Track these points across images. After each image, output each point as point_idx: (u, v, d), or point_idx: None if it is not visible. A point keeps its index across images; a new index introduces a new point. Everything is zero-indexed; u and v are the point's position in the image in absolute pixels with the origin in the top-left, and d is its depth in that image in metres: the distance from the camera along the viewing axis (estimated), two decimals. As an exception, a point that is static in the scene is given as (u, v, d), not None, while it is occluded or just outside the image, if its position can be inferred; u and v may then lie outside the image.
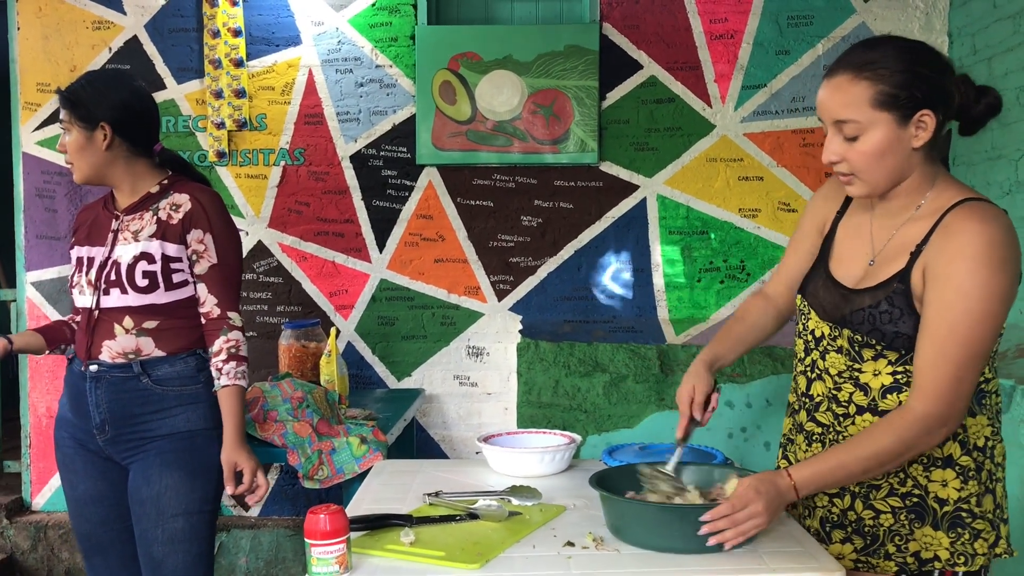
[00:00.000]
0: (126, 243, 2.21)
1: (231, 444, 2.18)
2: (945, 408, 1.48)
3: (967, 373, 1.48)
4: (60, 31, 3.78)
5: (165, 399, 2.20)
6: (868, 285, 1.60)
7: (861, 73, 1.51)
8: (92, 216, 2.33)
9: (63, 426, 2.31)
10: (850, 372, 1.62)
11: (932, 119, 1.51)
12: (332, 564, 1.44)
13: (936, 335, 1.49)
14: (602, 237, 3.80)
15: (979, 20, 3.45)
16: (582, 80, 3.69)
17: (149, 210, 2.24)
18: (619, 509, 1.60)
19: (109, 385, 2.20)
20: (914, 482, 1.59)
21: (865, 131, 1.52)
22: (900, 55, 1.50)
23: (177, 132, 3.79)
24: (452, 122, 3.73)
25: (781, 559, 1.50)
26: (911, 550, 1.59)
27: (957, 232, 1.50)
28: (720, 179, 3.78)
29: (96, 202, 2.38)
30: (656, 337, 3.75)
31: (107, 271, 2.20)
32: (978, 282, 1.46)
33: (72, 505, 2.32)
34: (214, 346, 2.21)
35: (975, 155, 3.49)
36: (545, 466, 2.05)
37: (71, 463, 2.30)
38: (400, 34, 3.76)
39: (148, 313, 2.19)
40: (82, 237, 2.30)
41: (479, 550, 1.54)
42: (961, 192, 1.56)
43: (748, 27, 3.74)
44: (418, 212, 3.80)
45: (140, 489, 2.19)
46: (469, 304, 3.81)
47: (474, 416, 3.82)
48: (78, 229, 2.34)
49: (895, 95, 1.49)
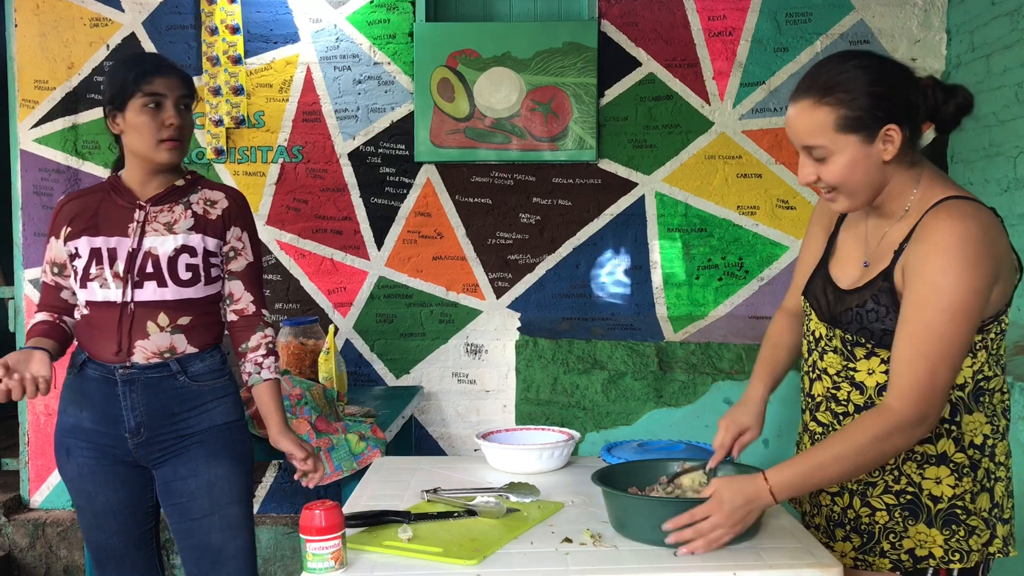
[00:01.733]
0: (158, 235, 2.15)
1: (282, 432, 2.24)
2: (921, 406, 1.48)
3: (943, 369, 1.48)
4: (58, 28, 3.77)
5: (201, 395, 2.19)
6: (859, 286, 1.61)
7: (822, 99, 1.51)
8: (91, 205, 2.19)
9: (76, 435, 2.19)
10: (846, 371, 1.62)
11: (898, 132, 1.52)
12: (328, 560, 1.44)
13: (911, 332, 1.49)
14: (600, 234, 3.80)
15: (977, 17, 3.45)
16: (580, 77, 3.69)
17: (179, 203, 2.19)
18: (621, 504, 1.61)
19: (145, 387, 2.14)
20: (908, 480, 1.59)
21: (832, 154, 1.53)
22: (858, 77, 1.51)
23: (175, 129, 3.78)
24: (450, 119, 3.72)
25: (779, 555, 1.50)
26: (905, 547, 1.60)
27: (932, 229, 1.50)
28: (719, 176, 3.78)
29: (86, 192, 2.25)
30: (654, 334, 3.75)
31: (140, 263, 2.13)
32: (951, 278, 1.46)
33: (88, 516, 2.23)
34: (250, 342, 2.24)
35: (973, 152, 3.49)
36: (543, 463, 2.05)
37: (89, 474, 2.20)
38: (398, 31, 3.76)
39: (182, 309, 2.16)
40: (86, 227, 2.16)
41: (477, 546, 1.54)
42: (945, 190, 1.57)
43: (747, 24, 3.74)
44: (416, 209, 3.80)
45: (186, 482, 2.18)
46: (468, 301, 3.81)
47: (472, 413, 3.82)
48: (73, 219, 2.18)
49: (858, 117, 1.50)
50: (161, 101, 2.13)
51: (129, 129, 2.14)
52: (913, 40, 3.71)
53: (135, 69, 2.14)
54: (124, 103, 2.13)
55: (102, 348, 2.15)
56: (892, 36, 3.71)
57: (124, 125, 2.15)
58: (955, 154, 3.65)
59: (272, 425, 2.25)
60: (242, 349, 2.26)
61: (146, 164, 2.17)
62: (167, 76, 2.15)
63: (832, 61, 1.55)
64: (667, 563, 1.48)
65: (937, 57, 3.70)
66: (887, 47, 3.70)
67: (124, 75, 2.14)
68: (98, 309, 2.15)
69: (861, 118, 1.51)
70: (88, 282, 2.14)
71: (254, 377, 2.24)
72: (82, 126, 3.80)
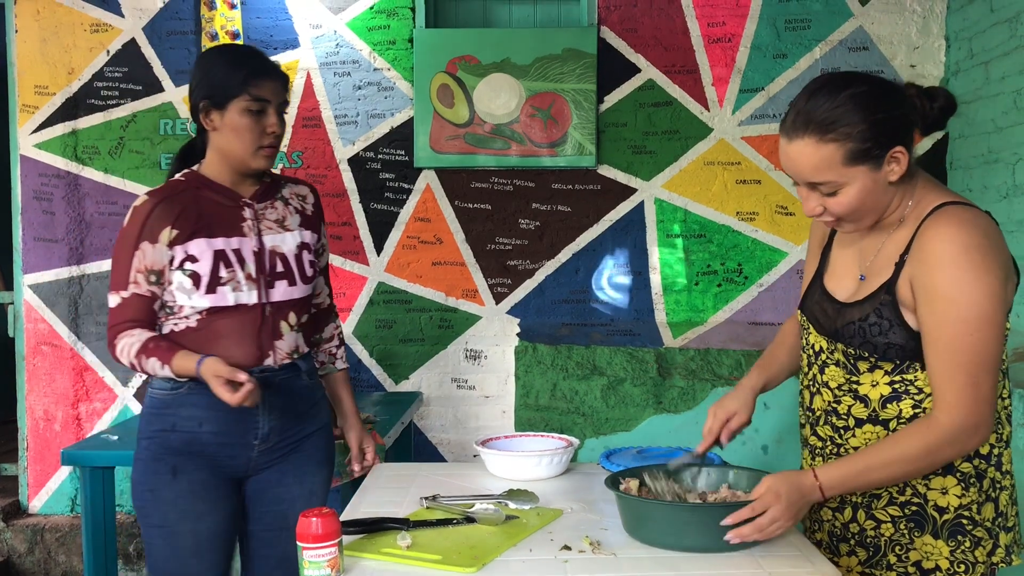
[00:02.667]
0: (275, 233, 2.07)
1: (355, 422, 2.28)
2: (971, 416, 1.48)
3: (983, 377, 1.48)
4: (58, 34, 3.78)
5: (314, 393, 2.18)
6: (858, 299, 1.60)
7: (825, 136, 1.49)
8: (189, 205, 2.01)
9: (191, 451, 2.01)
10: (848, 384, 1.62)
11: (904, 153, 1.51)
12: (324, 567, 1.44)
13: (940, 349, 1.49)
14: (600, 240, 3.80)
15: (976, 24, 3.46)
16: (580, 83, 3.70)
17: (277, 199, 2.12)
18: (641, 510, 1.60)
19: (279, 390, 2.07)
20: (913, 491, 1.59)
21: (842, 187, 1.52)
22: (857, 108, 1.49)
23: (175, 135, 3.79)
24: (450, 125, 3.73)
25: (778, 563, 1.50)
26: (912, 559, 1.59)
27: (933, 239, 1.50)
28: (718, 182, 3.78)
29: (170, 191, 2.03)
30: (654, 340, 3.75)
31: (269, 263, 2.05)
32: (964, 289, 1.46)
33: (191, 540, 2.02)
34: (324, 332, 2.26)
35: (972, 159, 3.49)
36: (543, 469, 2.05)
37: (203, 492, 2.03)
38: (398, 37, 3.76)
39: (304, 306, 2.12)
40: (197, 228, 1.99)
41: (476, 554, 1.54)
42: (940, 196, 1.56)
43: (746, 31, 3.74)
44: (416, 215, 3.80)
45: (289, 488, 2.13)
46: (467, 307, 3.81)
47: (472, 419, 3.82)
48: (177, 220, 1.98)
49: (866, 149, 1.49)
50: (265, 107, 2.00)
51: (226, 130, 2.00)
52: (912, 47, 3.72)
53: (244, 68, 1.99)
54: (225, 102, 1.98)
55: (235, 354, 1.99)
56: (891, 43, 3.72)
57: (220, 124, 2.00)
58: (954, 160, 3.65)
59: (349, 415, 2.28)
60: (315, 340, 2.23)
61: (238, 166, 2.04)
62: (274, 80, 2.03)
63: (823, 94, 1.52)
64: (666, 571, 1.48)
65: (936, 64, 3.71)
66: (886, 54, 3.71)
67: (229, 72, 1.99)
68: (227, 314, 2.00)
69: (869, 149, 1.49)
70: (219, 287, 1.99)
71: (328, 367, 2.26)
72: (82, 131, 3.80)
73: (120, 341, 1.99)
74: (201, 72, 2.04)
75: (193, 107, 2.04)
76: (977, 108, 3.43)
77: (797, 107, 1.54)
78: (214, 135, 2.03)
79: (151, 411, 2.05)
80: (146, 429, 2.06)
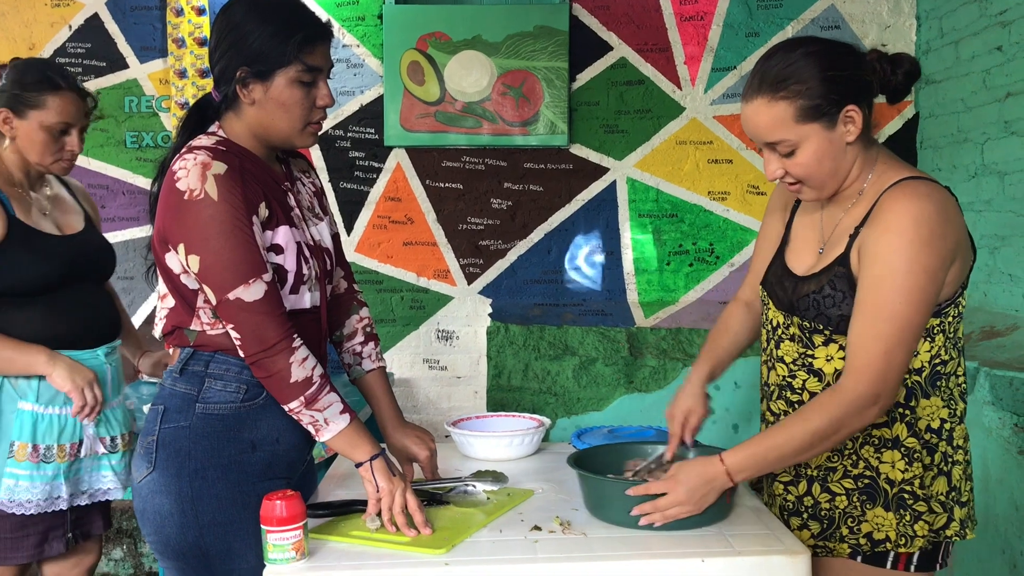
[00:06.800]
0: (312, 222, 1.76)
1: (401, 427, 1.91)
2: (876, 386, 1.49)
3: (897, 350, 1.49)
4: (18, 8, 3.68)
5: None
6: (815, 271, 1.61)
7: (777, 93, 1.51)
8: (253, 185, 1.62)
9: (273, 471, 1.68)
10: (803, 359, 1.63)
11: (858, 112, 1.53)
12: (289, 550, 1.43)
13: (866, 312, 1.50)
14: (572, 220, 3.79)
15: (946, 3, 3.47)
16: (552, 61, 3.67)
17: (296, 181, 1.80)
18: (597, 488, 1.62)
19: None
20: (866, 463, 1.60)
21: (798, 145, 1.54)
22: (809, 65, 1.51)
23: (140, 112, 3.72)
24: (421, 103, 3.69)
25: (747, 541, 1.50)
26: (863, 531, 1.61)
27: (887, 211, 1.51)
28: (690, 162, 3.77)
29: (232, 160, 1.60)
30: (625, 320, 3.75)
31: (324, 257, 1.76)
32: (906, 258, 1.47)
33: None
34: (345, 328, 1.90)
35: (941, 138, 3.51)
36: (514, 450, 2.05)
37: None
38: (367, 13, 3.71)
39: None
40: (277, 212, 1.65)
41: (445, 535, 1.53)
42: (900, 172, 1.57)
43: (718, 9, 3.73)
44: (386, 194, 3.76)
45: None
46: (438, 287, 3.79)
47: (444, 400, 3.81)
48: (266, 198, 1.64)
49: (816, 105, 1.51)
50: (317, 77, 1.66)
51: (270, 103, 1.63)
52: (883, 26, 3.72)
53: (297, 31, 1.62)
54: (272, 71, 1.61)
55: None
56: (862, 22, 3.72)
57: (262, 97, 1.63)
58: (924, 140, 3.67)
59: (389, 421, 1.89)
60: (336, 337, 1.89)
61: (280, 143, 1.70)
62: (326, 42, 1.68)
63: (778, 53, 1.54)
64: (635, 550, 1.48)
65: (907, 43, 3.72)
66: (857, 32, 3.71)
67: (277, 36, 1.60)
68: (299, 317, 1.66)
69: (820, 105, 1.51)
70: (301, 286, 1.66)
71: (355, 370, 1.89)
72: (44, 109, 3.72)
73: (301, 350, 1.59)
74: (235, 32, 1.62)
75: (222, 73, 1.64)
76: (947, 87, 3.44)
77: (755, 69, 1.57)
78: (251, 109, 1.64)
79: (217, 431, 1.63)
80: (214, 455, 1.62)
